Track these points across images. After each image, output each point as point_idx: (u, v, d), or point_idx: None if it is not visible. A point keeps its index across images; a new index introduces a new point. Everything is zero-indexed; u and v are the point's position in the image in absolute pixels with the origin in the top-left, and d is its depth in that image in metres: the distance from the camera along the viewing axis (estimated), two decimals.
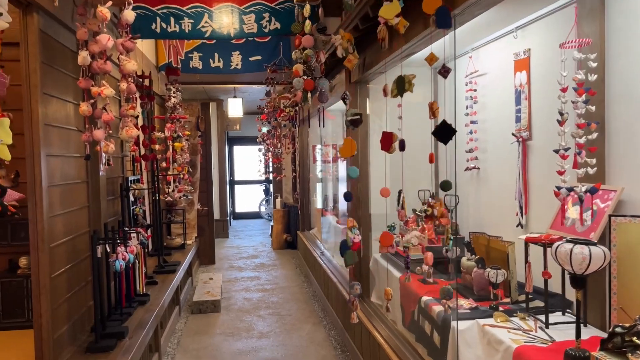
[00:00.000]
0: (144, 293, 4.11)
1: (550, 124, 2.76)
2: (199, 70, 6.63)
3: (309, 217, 7.89)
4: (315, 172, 7.84)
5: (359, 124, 2.32)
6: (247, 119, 12.16)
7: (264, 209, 13.19)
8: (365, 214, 4.04)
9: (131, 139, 3.05)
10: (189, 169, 6.26)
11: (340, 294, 4.51)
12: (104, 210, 3.78)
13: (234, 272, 7.12)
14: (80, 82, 2.81)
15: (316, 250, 6.30)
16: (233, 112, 8.20)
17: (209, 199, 7.62)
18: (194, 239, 7.16)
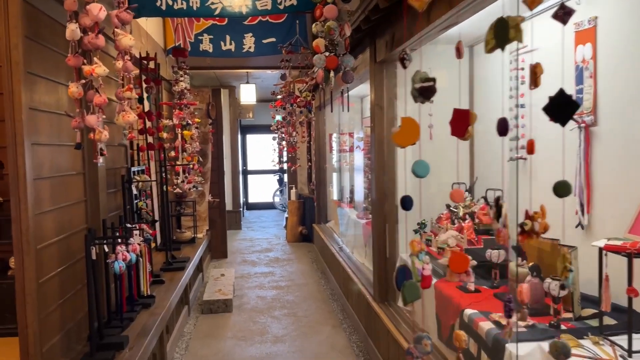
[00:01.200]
0: (148, 295, 3.77)
1: (622, 106, 2.32)
2: (209, 53, 6.24)
3: (325, 209, 7.50)
4: (332, 161, 7.44)
5: (431, 95, 1.58)
6: (260, 106, 11.78)
7: (277, 199, 12.85)
8: (392, 209, 3.64)
9: (128, 125, 2.67)
10: (199, 159, 5.89)
11: (362, 296, 4.12)
12: (103, 204, 3.43)
13: (247, 267, 6.78)
14: (69, 60, 2.43)
15: (334, 245, 5.92)
16: (246, 98, 7.81)
17: (221, 190, 7.27)
18: (204, 232, 6.82)
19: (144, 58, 4.28)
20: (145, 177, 4.08)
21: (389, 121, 3.60)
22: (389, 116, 3.60)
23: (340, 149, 7.06)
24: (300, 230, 8.45)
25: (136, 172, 4.00)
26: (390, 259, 3.66)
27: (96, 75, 2.44)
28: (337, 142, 7.10)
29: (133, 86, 2.67)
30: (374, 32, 3.49)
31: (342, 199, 7.07)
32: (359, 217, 5.29)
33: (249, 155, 13.16)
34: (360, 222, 5.13)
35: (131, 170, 3.79)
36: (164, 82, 5.61)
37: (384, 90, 3.59)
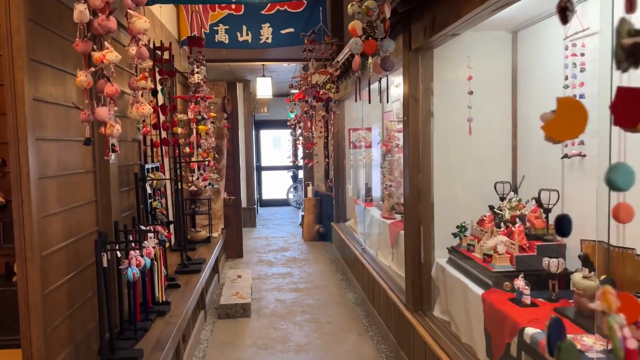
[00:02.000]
0: (163, 301, 3.51)
1: None
2: (225, 45, 5.97)
3: (344, 208, 7.21)
4: (353, 158, 7.14)
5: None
6: (275, 101, 11.48)
7: (292, 196, 12.58)
8: (427, 211, 3.34)
9: (143, 118, 2.41)
10: (214, 155, 5.64)
11: (391, 303, 3.84)
12: (115, 205, 3.17)
13: (263, 268, 6.52)
14: (77, 45, 2.16)
15: (356, 246, 5.63)
16: (262, 92, 7.54)
17: (237, 188, 7.01)
18: (220, 230, 6.57)
19: (158, 48, 4.01)
20: (159, 174, 3.82)
21: (424, 115, 3.30)
22: (425, 109, 3.30)
23: (361, 145, 6.77)
24: (317, 229, 8.18)
25: (150, 169, 3.74)
26: (425, 264, 3.37)
27: (107, 62, 2.17)
28: (357, 138, 6.81)
29: (148, 75, 2.39)
30: (409, 16, 3.18)
31: (364, 197, 6.78)
32: (383, 216, 4.99)
33: (263, 151, 12.90)
34: (385, 222, 4.84)
35: (145, 168, 3.53)
36: (178, 74, 5.35)
37: (419, 80, 3.29)
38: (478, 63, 3.33)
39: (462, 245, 3.12)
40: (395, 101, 6.16)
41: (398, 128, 6.02)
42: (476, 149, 3.39)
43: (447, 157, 3.37)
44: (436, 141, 3.33)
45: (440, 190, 3.35)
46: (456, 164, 3.39)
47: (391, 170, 4.96)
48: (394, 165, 5.05)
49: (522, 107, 3.34)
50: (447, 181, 3.37)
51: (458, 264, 3.05)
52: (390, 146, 5.37)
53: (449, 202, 3.37)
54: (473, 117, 3.34)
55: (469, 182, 3.38)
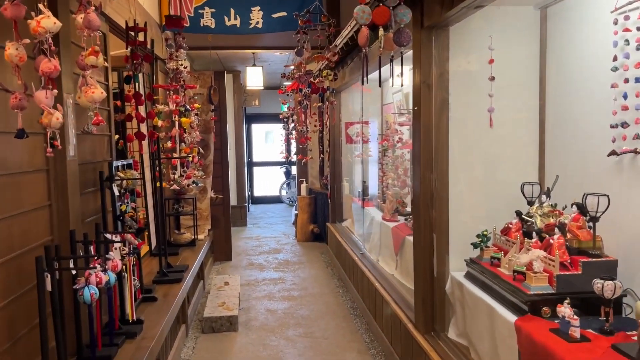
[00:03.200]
0: (135, 320, 3.02)
1: None
2: (211, 29, 5.46)
3: (340, 207, 6.74)
4: (350, 153, 6.67)
5: None
6: (267, 94, 10.97)
7: (284, 192, 12.10)
8: (442, 216, 2.87)
9: (94, 103, 1.91)
10: (199, 150, 5.14)
11: (397, 319, 3.37)
12: (75, 210, 2.68)
13: (253, 272, 6.04)
14: (6, 9, 1.67)
15: (354, 250, 5.16)
16: (252, 82, 7.03)
17: (225, 185, 6.51)
18: (206, 232, 6.07)
19: (131, 28, 3.50)
20: (132, 173, 3.33)
21: (439, 104, 2.82)
22: (440, 98, 2.82)
23: (359, 140, 6.29)
24: (312, 229, 7.71)
25: (120, 167, 3.25)
26: (439, 278, 2.90)
27: (43, 31, 1.68)
28: (355, 132, 6.33)
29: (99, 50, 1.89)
30: None
31: (361, 196, 6.31)
32: (385, 219, 4.52)
33: (255, 146, 12.39)
34: (387, 225, 4.37)
35: (113, 165, 3.03)
36: (161, 63, 4.84)
37: (433, 64, 2.81)
38: (501, 44, 2.86)
39: (483, 258, 2.66)
40: (396, 92, 5.68)
41: (400, 121, 5.55)
42: (498, 144, 2.92)
43: (465, 154, 2.90)
44: (452, 135, 2.86)
45: (457, 192, 2.88)
46: (475, 162, 2.92)
47: (395, 167, 4.47)
48: (398, 162, 4.57)
49: (553, 95, 2.87)
50: (464, 182, 2.90)
51: (479, 280, 2.59)
52: (392, 141, 4.90)
53: (466, 206, 2.90)
54: (494, 107, 2.87)
55: (490, 183, 2.92)
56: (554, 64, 2.86)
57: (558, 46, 2.82)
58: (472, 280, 2.67)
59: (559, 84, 2.83)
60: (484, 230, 2.69)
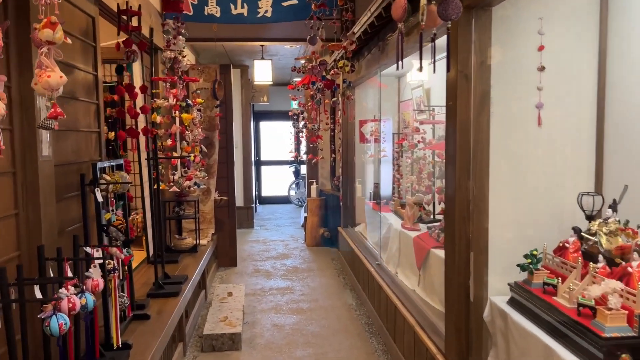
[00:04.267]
0: (121, 345, 2.62)
1: None
2: (217, 18, 5.05)
3: (352, 211, 6.31)
4: (363, 153, 6.24)
5: None
6: (276, 90, 10.57)
7: (293, 193, 11.69)
8: (481, 230, 2.43)
9: (50, 90, 1.49)
10: (201, 149, 4.73)
11: (421, 344, 2.94)
12: (48, 219, 2.28)
13: (260, 280, 5.63)
14: None
15: (368, 259, 4.73)
16: (260, 77, 6.61)
17: (230, 186, 6.10)
18: (210, 236, 5.68)
19: (123, 12, 3.10)
20: (122, 175, 2.92)
21: (479, 99, 2.38)
22: (480, 91, 2.38)
23: (374, 139, 5.86)
24: (322, 233, 7.28)
25: (107, 168, 2.84)
26: (476, 304, 2.46)
27: None
28: (370, 130, 5.90)
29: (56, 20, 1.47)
30: None
31: (376, 199, 5.88)
32: (405, 227, 4.08)
33: (263, 144, 11.98)
34: (408, 235, 3.93)
35: (97, 167, 2.62)
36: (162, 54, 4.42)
37: (473, 50, 2.37)
38: (552, 27, 2.42)
39: (533, 283, 2.22)
40: (416, 88, 5.24)
41: (420, 119, 5.11)
42: (548, 146, 2.47)
43: (508, 157, 2.46)
44: (493, 135, 2.42)
45: (498, 202, 2.44)
46: (520, 167, 2.48)
47: (419, 170, 4.03)
48: (421, 165, 4.13)
49: (614, 88, 2.42)
50: (507, 190, 2.46)
51: (528, 310, 2.15)
52: (412, 141, 4.46)
53: (509, 218, 2.46)
54: (544, 103, 2.43)
55: (538, 192, 2.47)
56: (616, 51, 2.40)
57: (621, 29, 2.37)
58: (519, 309, 2.23)
59: (621, 75, 2.38)
60: (533, 250, 2.24)
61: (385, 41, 3.80)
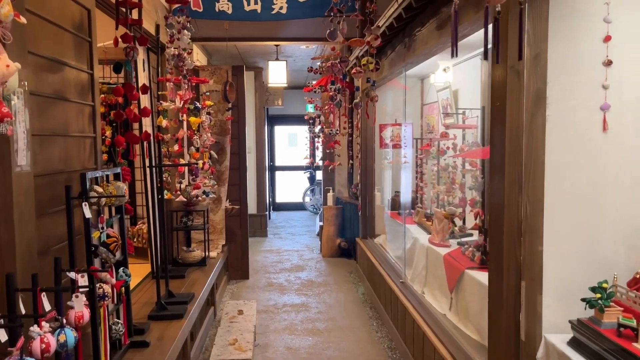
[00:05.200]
0: None
1: None
2: (228, 15, 4.73)
3: (372, 221, 5.92)
4: (384, 159, 5.86)
5: None
6: (291, 94, 10.26)
7: (308, 199, 11.34)
8: (534, 255, 2.04)
9: None
10: (210, 155, 4.40)
11: None
12: (25, 239, 1.95)
13: (273, 295, 5.27)
14: None
15: (390, 276, 4.34)
16: (275, 79, 6.28)
17: (242, 194, 5.77)
18: (220, 248, 5.34)
19: (122, 2, 2.77)
20: (117, 186, 2.59)
21: (533, 98, 2.00)
22: (534, 88, 2.00)
23: (396, 144, 5.48)
24: (339, 243, 6.90)
25: (99, 178, 2.51)
26: (529, 342, 2.07)
27: None
28: (391, 135, 5.52)
29: None
30: None
31: (398, 209, 5.50)
32: (434, 242, 3.69)
33: (277, 149, 11.66)
34: (437, 251, 3.54)
35: (86, 178, 2.29)
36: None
37: (525, 41, 1.99)
38: (621, 15, 2.03)
39: (603, 322, 1.82)
40: (442, 90, 4.86)
41: (447, 123, 4.72)
42: (615, 154, 2.08)
43: (568, 168, 2.06)
44: (550, 142, 2.03)
45: (556, 222, 2.05)
46: (582, 180, 2.08)
47: (451, 179, 3.64)
48: (451, 173, 3.74)
49: None
50: (566, 208, 2.07)
51: (599, 357, 1.75)
52: (441, 147, 4.07)
53: (569, 242, 2.07)
54: (610, 104, 2.03)
55: (604, 211, 2.07)
56: None
57: None
58: (585, 353, 1.83)
59: None
60: (602, 282, 1.85)
61: (413, 37, 3.43)
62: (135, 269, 4.47)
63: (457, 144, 3.71)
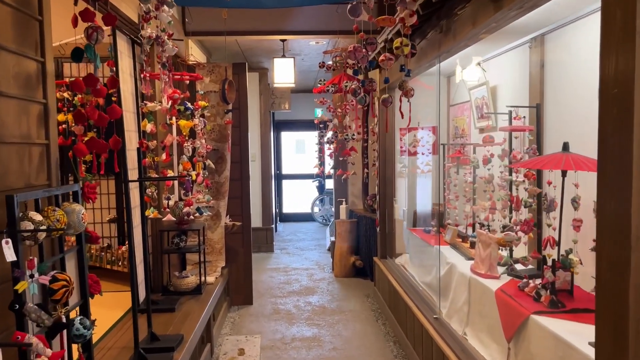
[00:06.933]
0: None
1: None
2: (226, 2, 4.07)
3: (392, 238, 5.22)
4: (405, 168, 5.17)
5: None
6: (299, 97, 9.63)
7: (317, 210, 10.65)
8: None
9: None
10: (204, 165, 3.73)
11: None
12: None
13: (280, 326, 4.57)
14: None
15: (420, 308, 3.64)
16: (281, 78, 5.61)
17: (245, 209, 5.09)
18: (219, 271, 4.66)
19: None
20: (68, 211, 1.92)
21: None
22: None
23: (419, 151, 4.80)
24: (353, 262, 6.20)
25: (47, 199, 1.84)
26: None
27: None
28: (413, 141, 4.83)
29: None
30: None
31: (423, 226, 4.81)
32: (478, 272, 2.98)
33: (284, 156, 11.00)
34: (484, 284, 2.84)
35: (14, 202, 1.62)
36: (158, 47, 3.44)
37: None
38: None
39: None
40: (476, 87, 4.17)
41: (480, 126, 4.04)
42: None
43: None
44: None
45: None
46: None
47: (510, 198, 2.91)
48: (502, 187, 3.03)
49: None
50: None
51: None
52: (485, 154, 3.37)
53: None
54: None
55: None
56: None
57: None
58: None
59: None
60: None
61: (452, 18, 2.75)
62: (121, 299, 3.81)
63: (507, 150, 3.00)
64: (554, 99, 3.04)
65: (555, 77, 3.03)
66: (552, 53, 3.05)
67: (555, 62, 3.02)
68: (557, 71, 3.01)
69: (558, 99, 2.99)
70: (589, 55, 2.63)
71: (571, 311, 2.27)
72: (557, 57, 3.00)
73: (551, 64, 3.06)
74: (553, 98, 3.04)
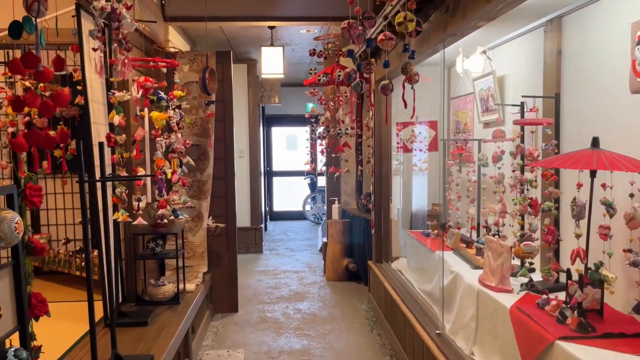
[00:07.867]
0: None
1: None
2: None
3: (387, 240, 4.88)
4: (401, 165, 4.82)
5: None
6: (290, 91, 9.25)
7: (309, 208, 10.31)
8: None
9: None
10: (180, 163, 3.36)
11: None
12: None
13: (266, 337, 4.22)
14: None
15: (421, 321, 3.29)
16: (269, 68, 5.23)
17: (230, 209, 4.71)
18: (200, 277, 4.29)
19: None
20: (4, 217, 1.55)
21: None
22: None
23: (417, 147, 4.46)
24: (346, 265, 5.85)
25: None
26: None
27: None
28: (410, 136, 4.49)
29: None
30: None
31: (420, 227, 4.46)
32: (487, 285, 2.63)
33: (275, 152, 10.62)
34: (496, 299, 2.49)
35: None
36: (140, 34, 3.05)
37: None
38: None
39: None
40: (481, 78, 3.82)
41: (485, 120, 3.70)
42: None
43: None
44: None
45: None
46: None
47: (531, 202, 2.55)
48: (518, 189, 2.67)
49: None
50: None
51: None
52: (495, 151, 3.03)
53: None
54: None
55: None
56: None
57: None
58: None
59: None
60: None
61: None
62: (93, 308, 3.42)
63: (523, 146, 2.65)
64: (571, 90, 2.70)
65: (573, 65, 2.69)
66: (571, 38, 2.70)
67: (574, 48, 2.67)
68: (576, 58, 2.66)
69: (577, 89, 2.65)
70: (615, 40, 2.28)
71: (603, 336, 1.93)
72: (577, 43, 2.65)
73: (570, 50, 2.71)
74: (571, 88, 2.70)
